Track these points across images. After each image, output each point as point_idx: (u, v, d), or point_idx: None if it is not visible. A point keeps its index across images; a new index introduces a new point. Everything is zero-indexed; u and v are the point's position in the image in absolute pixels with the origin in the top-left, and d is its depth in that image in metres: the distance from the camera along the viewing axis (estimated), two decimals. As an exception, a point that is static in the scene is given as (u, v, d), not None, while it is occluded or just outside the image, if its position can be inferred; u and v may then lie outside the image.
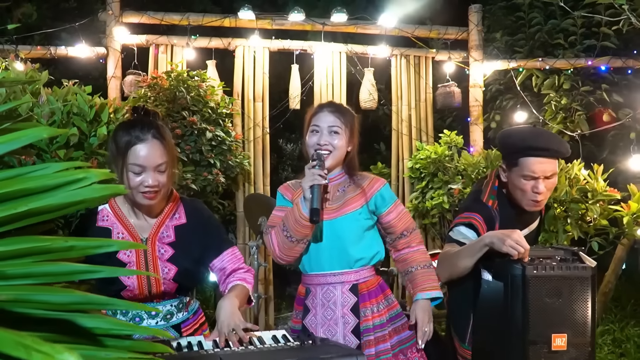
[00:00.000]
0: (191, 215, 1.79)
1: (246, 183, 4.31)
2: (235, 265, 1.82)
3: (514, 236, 1.82)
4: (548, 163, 1.98)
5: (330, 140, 1.91)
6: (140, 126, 1.62)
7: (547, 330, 1.80)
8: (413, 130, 4.55)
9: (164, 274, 1.69)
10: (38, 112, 1.96)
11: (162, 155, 1.61)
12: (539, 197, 1.99)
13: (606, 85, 4.26)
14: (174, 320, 1.78)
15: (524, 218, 2.13)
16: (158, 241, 1.71)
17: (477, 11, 4.48)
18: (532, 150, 1.97)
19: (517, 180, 2.01)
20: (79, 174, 0.67)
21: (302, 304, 2.02)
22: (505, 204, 2.10)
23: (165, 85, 3.73)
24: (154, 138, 1.61)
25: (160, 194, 1.64)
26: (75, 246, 0.67)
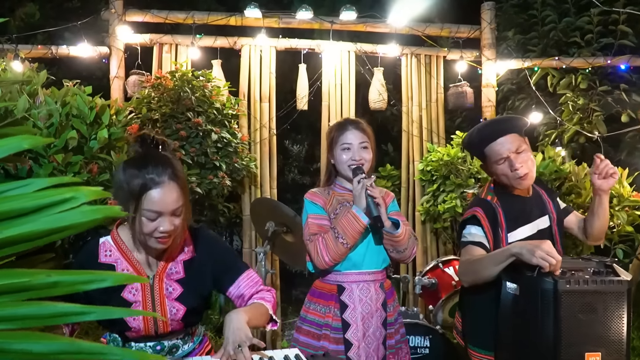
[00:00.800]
0: (200, 247, 1.66)
1: (252, 186, 4.19)
2: (253, 289, 1.69)
3: (544, 246, 1.72)
4: (508, 139, 2.03)
5: (363, 155, 2.13)
6: (154, 165, 1.46)
7: (580, 349, 1.68)
8: (424, 131, 4.43)
9: (171, 315, 1.56)
10: (35, 113, 1.85)
11: (179, 198, 1.47)
12: (520, 171, 2.02)
13: (625, 85, 4.12)
14: (180, 353, 1.66)
15: (530, 205, 2.13)
16: (166, 278, 1.58)
17: (490, 9, 4.34)
18: (487, 136, 2.07)
19: (495, 168, 2.08)
20: (66, 193, 0.55)
21: (335, 300, 2.13)
22: (506, 198, 2.12)
23: (169, 85, 3.61)
24: (171, 180, 1.46)
25: (175, 237, 1.52)
26: (61, 282, 0.55)
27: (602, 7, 3.61)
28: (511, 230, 2.07)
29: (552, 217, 2.16)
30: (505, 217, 2.07)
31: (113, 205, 1.09)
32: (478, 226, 2.06)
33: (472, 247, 2.04)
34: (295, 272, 6.56)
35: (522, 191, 2.13)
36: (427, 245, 4.35)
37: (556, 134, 4.39)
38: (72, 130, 1.90)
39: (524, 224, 2.10)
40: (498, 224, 2.06)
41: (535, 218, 2.12)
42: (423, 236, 4.36)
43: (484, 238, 2.04)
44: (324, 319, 2.12)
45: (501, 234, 2.05)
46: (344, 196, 2.18)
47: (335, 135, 2.18)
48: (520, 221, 2.09)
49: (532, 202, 2.15)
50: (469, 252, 2.04)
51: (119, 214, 0.56)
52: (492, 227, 2.05)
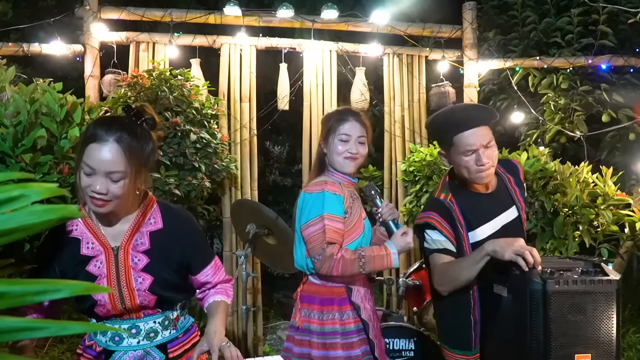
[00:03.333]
0: (169, 220, 1.62)
1: (233, 187, 4.10)
2: (217, 278, 1.72)
3: (517, 244, 1.72)
4: (481, 132, 1.92)
5: (359, 150, 2.08)
6: (109, 125, 1.45)
7: (570, 351, 1.65)
8: (406, 131, 4.39)
9: (137, 285, 1.53)
10: (1, 111, 1.75)
11: (117, 163, 1.42)
12: (484, 167, 1.92)
13: (605, 85, 4.14)
14: (159, 340, 1.61)
15: (490, 202, 2.02)
16: (132, 249, 1.55)
17: (472, 9, 4.34)
18: (460, 124, 1.93)
19: (459, 159, 1.95)
20: (13, 190, 0.47)
21: (347, 302, 2.05)
22: (461, 194, 2.02)
23: (146, 84, 3.51)
24: (116, 142, 1.42)
25: (112, 204, 1.46)
26: (9, 293, 0.47)
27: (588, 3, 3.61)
28: (471, 229, 1.98)
29: (520, 206, 2.06)
30: (462, 215, 1.98)
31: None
32: (436, 231, 1.96)
33: (438, 254, 1.96)
34: (276, 274, 6.47)
35: (480, 187, 2.03)
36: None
37: (538, 134, 4.39)
38: (41, 129, 1.80)
39: (484, 222, 2.00)
40: (457, 223, 1.97)
41: (497, 214, 2.02)
42: (406, 237, 4.31)
43: (447, 242, 1.96)
44: (345, 325, 2.03)
45: (462, 233, 1.97)
46: (350, 187, 2.12)
47: (333, 124, 2.09)
48: (480, 219, 2.00)
49: (492, 197, 2.04)
50: (436, 260, 1.96)
51: (76, 215, 0.49)
52: (452, 228, 1.97)
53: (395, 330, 2.95)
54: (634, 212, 2.69)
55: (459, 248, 1.96)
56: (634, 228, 2.70)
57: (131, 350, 1.57)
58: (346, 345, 2.00)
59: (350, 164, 2.07)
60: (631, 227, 2.70)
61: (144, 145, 1.50)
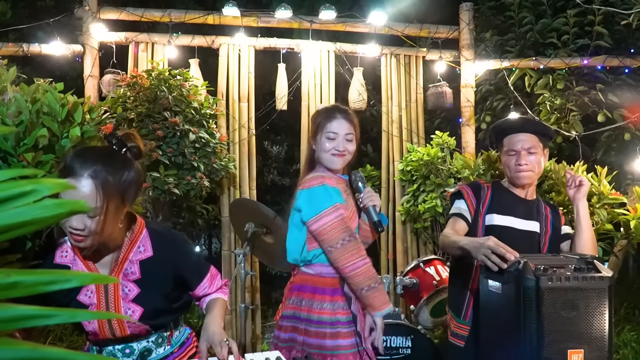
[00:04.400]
0: (158, 246, 1.57)
1: (231, 187, 4.13)
2: (215, 286, 1.74)
3: (488, 243, 1.83)
4: (526, 138, 2.19)
5: (347, 147, 2.10)
6: (85, 158, 1.37)
7: (562, 346, 1.68)
8: (404, 131, 4.42)
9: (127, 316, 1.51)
10: (3, 110, 1.77)
11: (91, 199, 1.33)
12: (522, 168, 2.18)
13: (601, 85, 4.17)
14: (154, 357, 1.61)
15: (519, 205, 2.25)
16: (122, 278, 1.52)
17: (469, 10, 4.37)
18: (510, 128, 2.25)
19: (505, 158, 2.26)
20: (26, 185, 0.50)
21: (340, 294, 2.06)
22: (500, 188, 2.31)
23: (145, 84, 3.53)
24: (90, 177, 1.34)
25: (92, 239, 1.39)
26: (21, 282, 0.50)
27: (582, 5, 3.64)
28: (491, 212, 2.22)
29: (545, 230, 2.22)
30: (490, 199, 2.25)
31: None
32: (462, 200, 2.27)
33: (454, 218, 2.26)
34: (275, 273, 6.51)
35: (521, 191, 2.25)
36: (407, 245, 4.35)
37: (534, 134, 4.42)
38: (42, 128, 1.82)
39: (505, 214, 2.21)
40: (481, 200, 2.25)
41: (522, 216, 2.22)
42: (403, 236, 4.35)
43: (467, 211, 2.25)
44: (335, 315, 2.03)
45: (481, 210, 2.22)
46: (342, 185, 2.13)
47: (321, 122, 2.11)
48: (503, 210, 2.22)
49: (525, 204, 2.25)
50: (449, 224, 2.26)
51: (85, 209, 0.52)
52: (476, 202, 2.25)
53: (392, 328, 2.98)
54: (629, 211, 2.72)
55: (473, 222, 2.23)
56: (628, 227, 2.72)
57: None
58: (334, 335, 2.01)
59: (337, 160, 2.08)
60: (626, 226, 2.73)
61: (122, 177, 1.41)
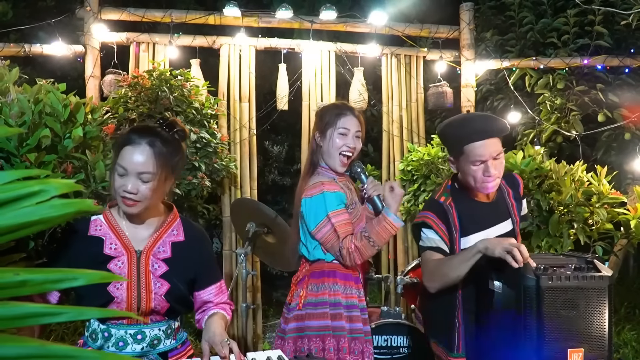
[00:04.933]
0: (190, 234, 1.71)
1: (232, 187, 4.14)
2: (220, 299, 1.77)
3: (507, 241, 1.79)
4: (492, 144, 1.95)
5: (356, 144, 2.11)
6: (141, 130, 1.58)
7: (563, 345, 1.69)
8: (404, 131, 4.43)
9: (155, 289, 1.59)
10: (5, 111, 1.78)
11: (148, 164, 1.53)
12: (491, 179, 1.97)
13: (601, 85, 4.18)
14: (161, 348, 1.63)
15: (487, 212, 2.07)
16: (152, 256, 1.62)
17: (469, 9, 4.37)
18: (473, 134, 1.95)
19: (467, 167, 1.98)
20: (34, 186, 0.51)
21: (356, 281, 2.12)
22: (462, 199, 2.07)
23: (147, 84, 3.54)
24: (148, 145, 1.54)
25: (142, 205, 1.56)
26: (30, 281, 0.51)
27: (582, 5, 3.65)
28: (465, 234, 2.03)
29: (515, 220, 2.12)
30: (459, 219, 2.03)
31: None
32: (431, 230, 2.02)
33: (431, 252, 2.02)
34: (276, 274, 6.51)
35: (482, 196, 2.08)
36: (408, 244, 4.35)
37: (534, 134, 4.43)
38: (45, 129, 1.83)
39: (479, 230, 2.04)
40: (452, 226, 2.02)
41: (492, 224, 2.07)
42: (404, 236, 4.36)
43: (441, 242, 2.01)
44: (349, 299, 2.07)
45: (455, 237, 2.02)
46: (344, 181, 2.15)
47: (332, 118, 2.10)
48: (475, 227, 2.04)
49: (491, 208, 2.09)
50: (428, 256, 2.03)
51: (92, 208, 0.53)
52: (447, 230, 2.02)
53: (393, 327, 2.98)
54: (629, 211, 2.73)
55: (451, 251, 2.02)
56: (628, 226, 2.74)
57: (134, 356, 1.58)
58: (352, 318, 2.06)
59: (344, 166, 2.11)
60: (626, 226, 2.74)
61: (173, 153, 1.60)
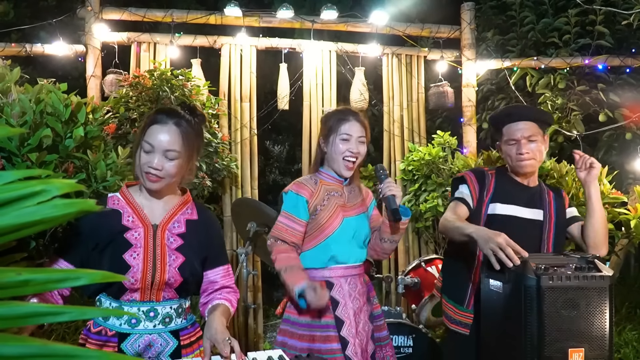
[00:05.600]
0: (203, 214, 1.78)
1: (233, 186, 4.14)
2: (225, 282, 1.79)
3: (498, 239, 1.81)
4: (525, 126, 2.16)
5: (360, 149, 2.11)
6: (169, 112, 1.66)
7: (563, 345, 1.69)
8: (405, 131, 4.43)
9: (170, 261, 1.63)
10: (7, 110, 1.79)
11: (175, 142, 1.61)
12: (523, 157, 2.15)
13: (602, 84, 4.18)
14: (173, 326, 1.65)
15: (523, 193, 2.23)
16: (168, 230, 1.68)
17: (470, 9, 4.38)
18: (510, 116, 2.22)
19: (506, 147, 2.22)
20: (36, 185, 0.51)
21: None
22: (504, 176, 2.28)
23: (148, 84, 3.55)
24: (175, 125, 1.62)
25: (164, 182, 1.63)
26: (32, 280, 0.52)
27: (583, 5, 3.65)
28: (494, 201, 2.19)
29: (549, 216, 2.20)
30: (494, 187, 2.22)
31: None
32: (465, 185, 2.25)
33: (455, 202, 2.24)
34: (276, 273, 6.51)
35: (523, 179, 2.23)
36: (409, 244, 4.36)
37: (535, 133, 4.43)
38: (46, 129, 1.83)
39: (509, 203, 2.20)
40: (485, 188, 2.22)
41: (525, 205, 2.21)
42: (405, 236, 4.36)
43: (469, 197, 2.23)
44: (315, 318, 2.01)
45: (485, 199, 2.20)
46: (331, 186, 2.13)
47: (335, 124, 2.11)
48: (506, 199, 2.20)
49: (528, 192, 2.23)
50: (451, 207, 2.23)
51: (94, 208, 0.53)
52: (479, 189, 2.23)
53: (393, 327, 2.99)
54: (629, 211, 2.73)
55: (476, 210, 2.21)
56: (629, 226, 2.73)
57: (146, 334, 1.60)
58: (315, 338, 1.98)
59: (349, 170, 2.10)
60: (626, 225, 2.74)
61: (197, 135, 1.69)
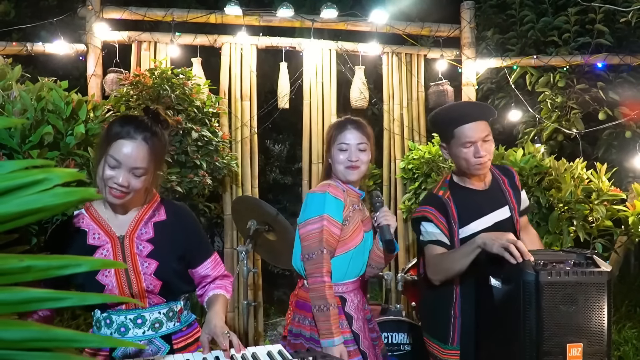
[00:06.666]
0: (172, 214, 1.72)
1: (234, 185, 4.15)
2: (217, 272, 1.79)
3: (505, 237, 1.80)
4: (480, 126, 2.05)
5: (360, 157, 2.06)
6: (136, 124, 1.57)
7: (562, 340, 1.69)
8: (405, 129, 4.44)
9: (143, 269, 1.60)
10: (8, 108, 1.80)
11: (143, 160, 1.55)
12: (482, 159, 2.04)
13: (602, 83, 4.18)
14: (164, 330, 1.66)
15: (484, 199, 2.13)
16: (136, 238, 1.64)
17: (470, 8, 4.38)
18: (461, 117, 2.06)
19: (459, 151, 2.07)
20: (38, 174, 0.52)
21: (341, 313, 2.03)
22: (458, 191, 2.14)
23: (148, 83, 3.56)
24: (143, 141, 1.55)
25: (129, 196, 1.58)
26: (34, 267, 0.53)
27: (583, 3, 3.66)
28: (464, 225, 2.08)
29: (513, 207, 2.15)
30: (457, 211, 2.09)
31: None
32: (431, 223, 2.08)
33: (432, 246, 2.08)
34: (277, 272, 6.53)
35: (478, 183, 2.14)
36: (409, 243, 4.36)
37: (535, 132, 4.44)
38: (47, 126, 1.84)
39: (477, 218, 2.10)
40: (451, 218, 2.08)
41: (489, 211, 2.12)
42: (405, 234, 4.37)
43: (442, 235, 2.07)
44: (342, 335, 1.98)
45: (455, 229, 2.07)
46: (353, 198, 2.11)
47: (334, 134, 2.10)
48: (473, 215, 2.10)
49: (487, 195, 2.14)
50: (431, 251, 2.08)
51: (95, 196, 0.54)
52: (447, 222, 2.08)
53: (393, 325, 3.00)
54: (628, 208, 2.74)
55: (451, 242, 2.06)
56: (627, 223, 2.74)
57: (136, 341, 1.61)
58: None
59: (352, 172, 2.06)
60: (625, 223, 2.75)
61: (164, 147, 1.64)
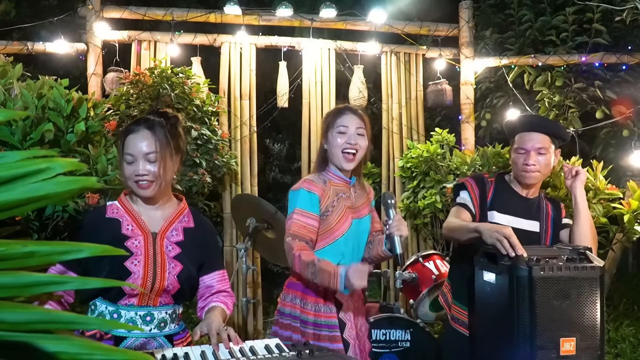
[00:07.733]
0: (198, 222, 1.82)
1: (233, 183, 4.18)
2: (221, 286, 1.83)
3: (501, 230, 1.86)
4: (538, 138, 2.19)
5: (358, 141, 2.05)
6: (139, 120, 1.70)
7: (555, 334, 1.72)
8: (404, 128, 4.46)
9: (169, 269, 1.67)
10: (10, 106, 1.82)
11: (151, 144, 1.63)
12: (529, 168, 2.18)
13: (599, 82, 4.21)
14: (167, 331, 1.69)
15: (521, 204, 2.26)
16: (166, 238, 1.71)
17: (468, 7, 4.40)
18: (523, 126, 2.26)
19: (514, 155, 2.26)
20: (41, 163, 0.55)
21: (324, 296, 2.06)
22: (502, 184, 2.31)
23: (148, 82, 3.58)
24: (146, 129, 1.65)
25: (156, 185, 1.65)
26: (37, 252, 0.55)
27: (580, 3, 3.69)
28: (492, 209, 2.23)
29: (545, 228, 2.23)
30: (493, 195, 2.26)
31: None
32: (466, 191, 2.29)
33: (458, 207, 2.28)
34: (276, 271, 6.54)
35: (522, 190, 2.27)
36: (407, 240, 4.39)
37: (533, 131, 4.46)
38: (48, 123, 1.87)
39: (506, 213, 2.22)
40: (485, 196, 2.26)
41: (519, 215, 2.23)
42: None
43: (470, 202, 2.26)
44: (321, 318, 2.02)
45: (485, 205, 2.24)
46: (339, 187, 2.08)
47: (331, 119, 2.08)
48: (504, 208, 2.23)
49: (525, 203, 2.26)
50: (454, 212, 2.28)
51: (96, 185, 0.57)
52: (480, 196, 2.27)
53: (391, 322, 3.02)
54: (623, 205, 2.76)
55: (477, 215, 2.24)
56: (623, 221, 2.76)
57: (142, 338, 1.64)
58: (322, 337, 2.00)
59: (349, 162, 2.04)
60: (620, 220, 2.77)
61: (171, 132, 1.70)
